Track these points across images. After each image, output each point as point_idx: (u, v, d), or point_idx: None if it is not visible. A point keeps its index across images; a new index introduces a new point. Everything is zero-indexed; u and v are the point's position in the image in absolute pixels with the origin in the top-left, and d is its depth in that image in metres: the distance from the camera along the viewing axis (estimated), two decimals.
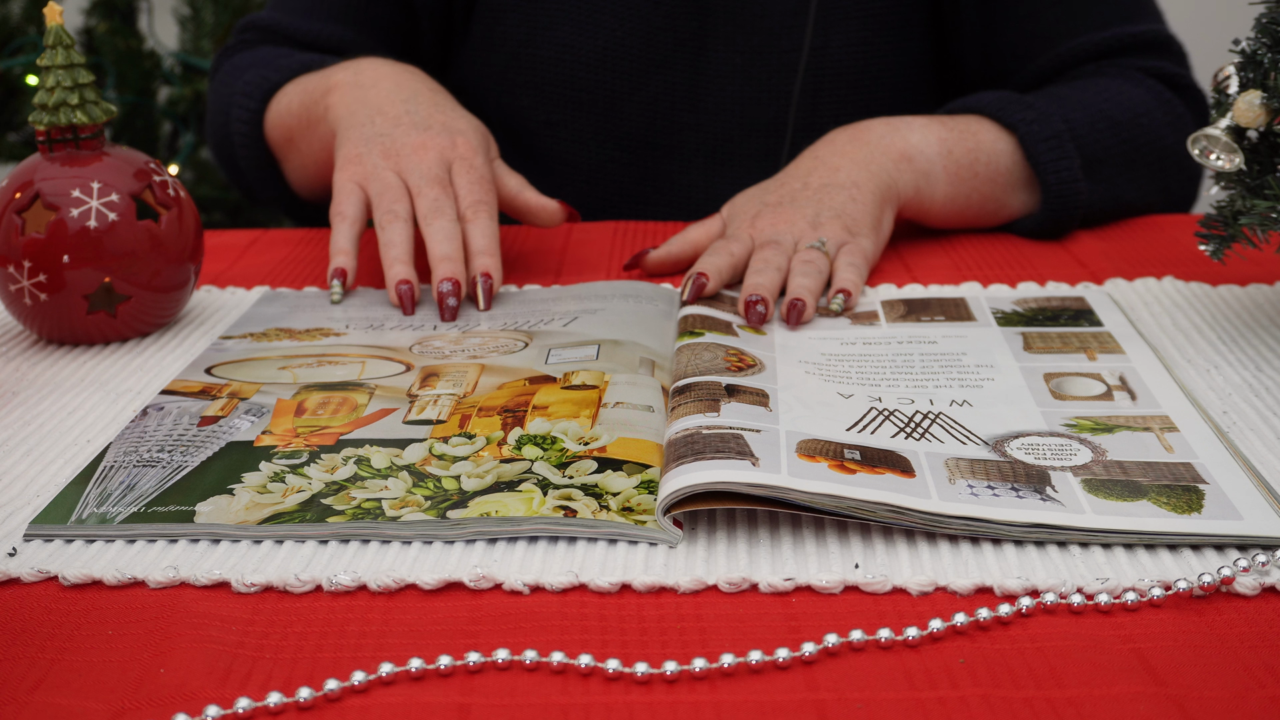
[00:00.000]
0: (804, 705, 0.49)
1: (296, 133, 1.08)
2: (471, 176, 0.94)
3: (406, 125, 0.96)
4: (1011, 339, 0.81)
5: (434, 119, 0.97)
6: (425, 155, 0.94)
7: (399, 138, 0.95)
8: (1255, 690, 0.50)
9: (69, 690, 0.51)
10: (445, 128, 0.96)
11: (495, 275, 0.90)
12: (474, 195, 0.93)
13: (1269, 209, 0.74)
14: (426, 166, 0.93)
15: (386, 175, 0.93)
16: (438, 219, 0.91)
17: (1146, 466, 0.64)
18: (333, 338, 0.85)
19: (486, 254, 0.90)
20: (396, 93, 0.99)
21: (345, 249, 0.92)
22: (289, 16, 1.21)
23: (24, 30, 2.17)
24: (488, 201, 0.93)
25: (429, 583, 0.57)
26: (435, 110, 0.98)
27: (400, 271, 0.90)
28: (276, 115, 1.11)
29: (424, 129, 0.96)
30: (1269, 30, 0.75)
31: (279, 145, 1.12)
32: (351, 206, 0.93)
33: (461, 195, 0.93)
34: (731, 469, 0.60)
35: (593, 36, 1.17)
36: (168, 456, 0.68)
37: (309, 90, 1.06)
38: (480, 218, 0.92)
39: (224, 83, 1.18)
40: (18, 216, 0.83)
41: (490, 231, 0.92)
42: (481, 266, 0.90)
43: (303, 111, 1.07)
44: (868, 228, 0.94)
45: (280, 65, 1.12)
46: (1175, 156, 1.08)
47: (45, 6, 0.85)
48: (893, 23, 1.17)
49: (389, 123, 0.97)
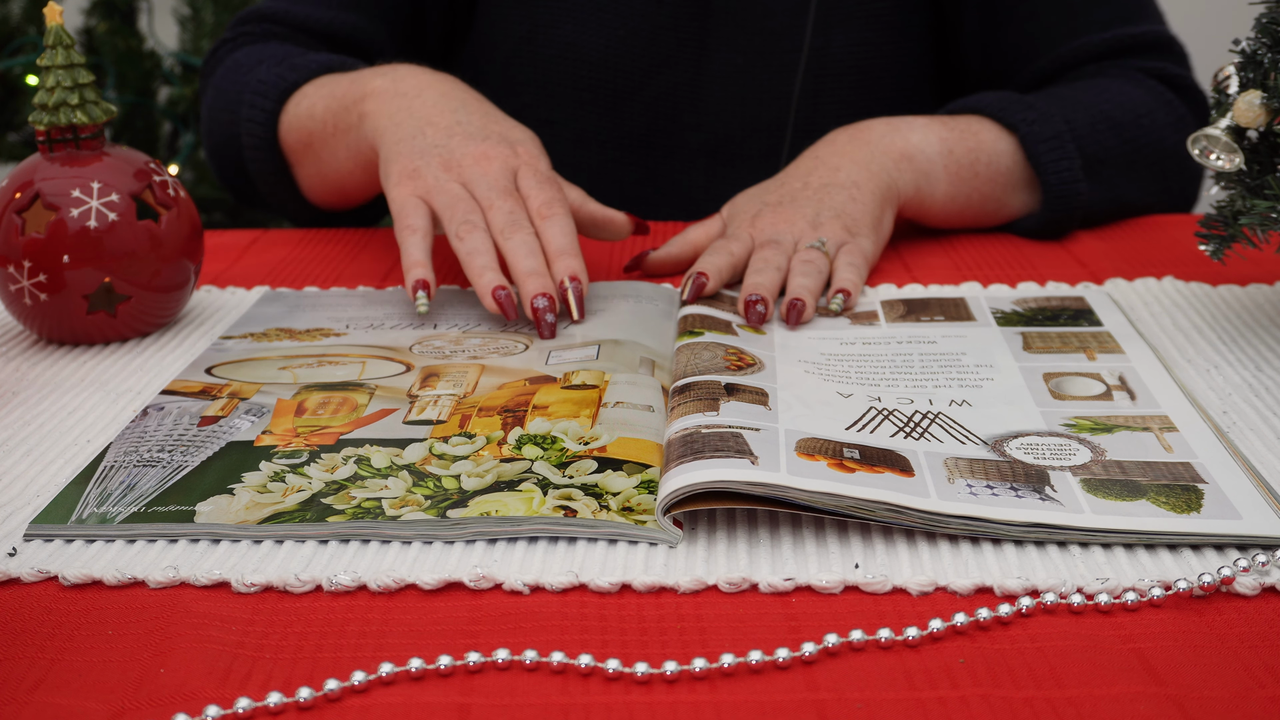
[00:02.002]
0: (804, 705, 0.49)
1: (318, 138, 1.03)
2: (539, 178, 0.90)
3: (461, 136, 0.92)
4: (1011, 339, 0.81)
5: (490, 129, 0.93)
6: (490, 165, 0.90)
7: (456, 149, 0.91)
8: (1255, 690, 0.50)
9: (69, 690, 0.51)
10: (503, 137, 0.92)
11: (583, 277, 0.86)
12: (545, 194, 0.89)
13: (1269, 209, 0.74)
14: (493, 177, 0.89)
15: (452, 187, 0.89)
16: (516, 232, 0.86)
17: (1146, 466, 0.64)
18: (333, 338, 0.85)
19: (569, 254, 0.86)
20: (444, 102, 0.95)
21: (421, 260, 0.86)
22: (297, 4, 1.16)
23: (24, 30, 2.17)
24: (560, 199, 0.89)
25: (429, 583, 0.57)
26: (488, 120, 0.94)
27: (493, 278, 0.84)
28: (295, 118, 1.05)
29: (482, 139, 0.92)
30: (1269, 30, 0.75)
31: (294, 149, 1.07)
32: (420, 219, 0.88)
33: (532, 196, 0.89)
34: (730, 468, 0.60)
35: (595, 35, 1.17)
36: (168, 456, 0.68)
37: (338, 95, 1.01)
38: (556, 215, 0.88)
39: (229, 79, 1.12)
40: (18, 216, 0.83)
41: (569, 229, 0.88)
42: (567, 269, 0.85)
43: (329, 117, 1.02)
44: (868, 228, 0.94)
45: (297, 64, 1.07)
46: (1176, 157, 1.08)
47: (45, 6, 0.85)
48: (894, 23, 1.17)
49: (441, 134, 0.92)
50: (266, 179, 1.11)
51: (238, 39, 1.17)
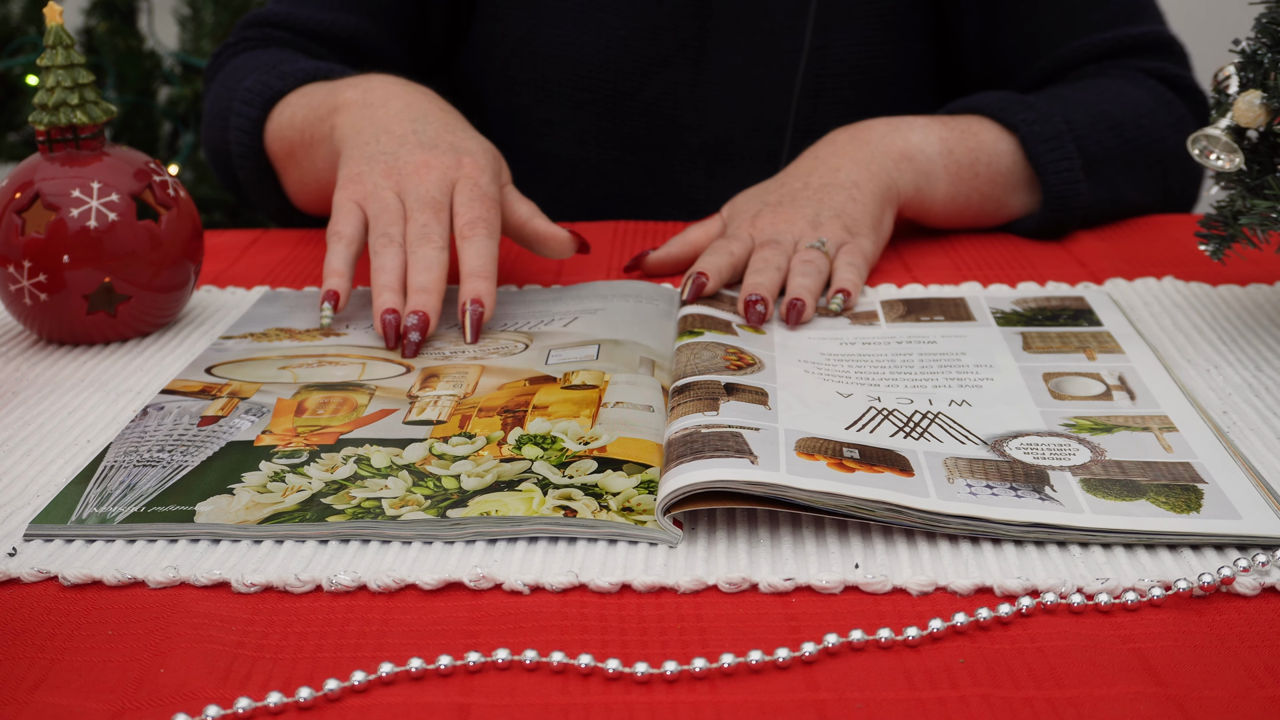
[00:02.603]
0: (804, 705, 0.49)
1: (298, 148, 1.04)
2: (473, 194, 0.89)
3: (412, 144, 0.92)
4: (1011, 339, 0.81)
5: (441, 139, 0.92)
6: (427, 175, 0.89)
7: (403, 156, 0.91)
8: (1255, 690, 0.50)
9: (69, 690, 0.51)
10: (452, 147, 0.92)
11: (487, 301, 0.84)
12: (473, 212, 0.88)
13: (1269, 209, 0.74)
14: (425, 188, 0.89)
15: (386, 195, 0.89)
16: (420, 246, 0.86)
17: (1145, 466, 0.64)
18: (333, 338, 0.85)
19: (478, 276, 0.85)
20: (406, 112, 0.95)
21: (340, 270, 0.86)
22: (300, 7, 1.17)
23: (24, 30, 2.17)
24: (486, 219, 0.88)
25: (429, 583, 0.57)
26: (444, 130, 0.94)
27: (388, 300, 0.84)
28: (278, 127, 1.06)
29: (430, 148, 0.91)
30: (1269, 30, 0.75)
31: (279, 157, 1.07)
32: (349, 226, 0.88)
33: (460, 213, 0.88)
34: (730, 467, 0.60)
35: (595, 35, 1.17)
36: (168, 456, 0.68)
37: (314, 106, 1.01)
38: (477, 235, 0.86)
39: (224, 85, 1.13)
40: (18, 216, 0.83)
41: (485, 251, 0.86)
42: (472, 291, 0.84)
43: (306, 127, 1.02)
44: (868, 228, 0.94)
45: (284, 72, 1.07)
46: (1176, 157, 1.08)
47: (45, 6, 0.85)
48: (894, 23, 1.17)
49: (394, 141, 0.92)
50: (254, 186, 1.11)
51: (239, 44, 1.18)
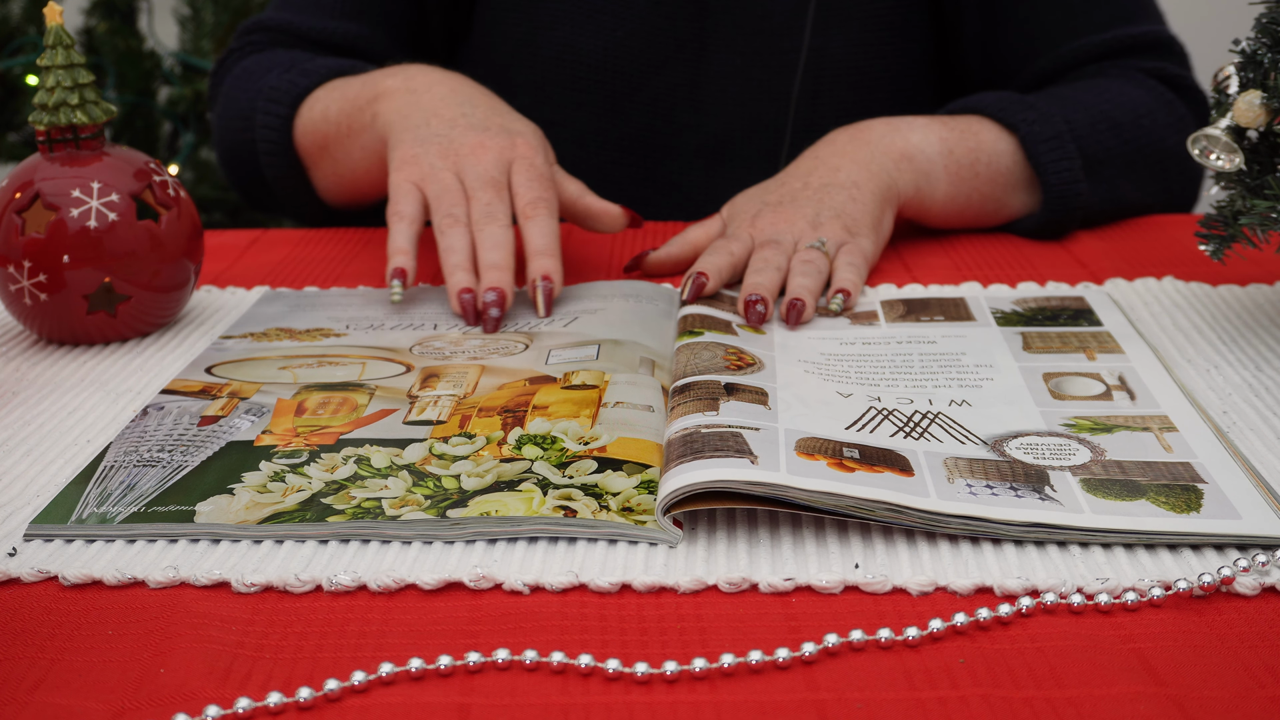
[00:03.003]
0: (804, 705, 0.49)
1: (333, 140, 1.05)
2: (531, 174, 0.92)
3: (463, 126, 0.94)
4: (1011, 339, 0.81)
5: (491, 120, 0.95)
6: (484, 156, 0.92)
7: (456, 138, 0.93)
8: (1255, 690, 0.50)
9: (69, 690, 0.51)
10: (503, 129, 0.95)
11: (555, 277, 0.88)
12: (533, 192, 0.91)
13: (1269, 209, 0.74)
14: (484, 168, 0.91)
15: (445, 176, 0.92)
16: (488, 225, 0.89)
17: (1145, 466, 0.64)
18: (333, 338, 0.85)
19: (546, 254, 0.88)
20: (451, 97, 0.97)
21: (404, 249, 0.89)
22: (300, 15, 1.18)
23: (24, 30, 2.17)
24: (547, 199, 0.91)
25: (429, 583, 0.57)
26: (492, 113, 0.96)
27: (462, 279, 0.87)
28: (310, 121, 1.07)
29: (483, 130, 0.94)
30: (1269, 30, 0.75)
31: (310, 152, 1.09)
32: (410, 206, 0.91)
33: (520, 193, 0.91)
34: (730, 467, 0.60)
35: (593, 37, 1.17)
36: (168, 456, 0.68)
37: (350, 97, 1.03)
38: (539, 215, 0.90)
39: (239, 87, 1.14)
40: (18, 216, 0.83)
41: (550, 230, 0.90)
42: (541, 269, 0.88)
43: (343, 118, 1.04)
44: (867, 228, 0.94)
45: (307, 69, 1.09)
46: (1176, 157, 1.08)
47: (45, 6, 0.85)
48: (893, 23, 1.17)
49: (445, 124, 0.95)
50: (283, 183, 1.12)
51: (244, 49, 1.19)
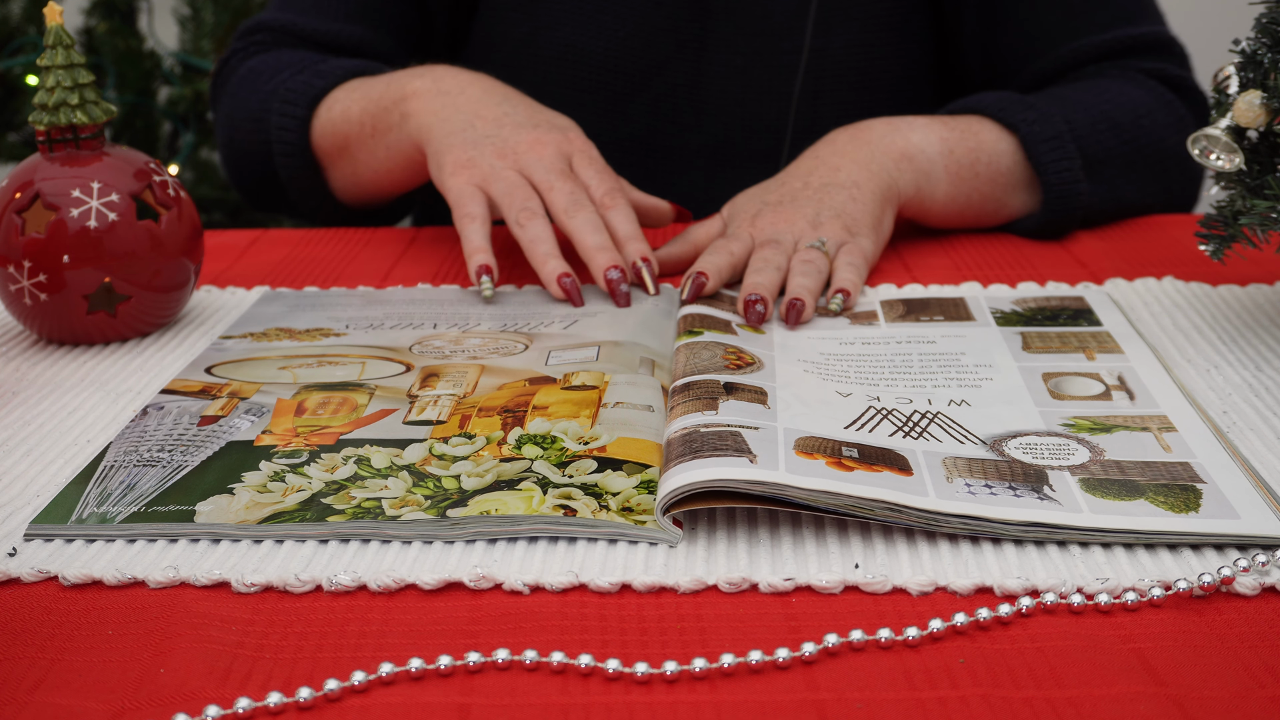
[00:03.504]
0: (804, 705, 0.49)
1: (355, 140, 1.05)
2: (597, 167, 0.94)
3: (511, 125, 0.95)
4: (1010, 339, 0.81)
5: (537, 117, 0.96)
6: (545, 150, 0.93)
7: (508, 137, 0.94)
8: (1255, 690, 0.50)
9: (69, 690, 0.51)
10: (552, 125, 0.96)
11: (652, 259, 0.90)
12: (606, 184, 0.93)
13: (1269, 209, 0.74)
14: (549, 161, 0.92)
15: (508, 174, 0.92)
16: (580, 211, 0.90)
17: (1144, 466, 0.64)
18: (333, 338, 0.85)
19: (636, 239, 0.91)
20: (487, 97, 0.98)
21: (483, 246, 0.90)
22: (302, 16, 1.18)
23: (24, 30, 2.17)
24: (621, 189, 0.93)
25: (429, 583, 0.57)
26: (533, 111, 0.97)
27: (557, 265, 0.89)
28: (329, 122, 1.07)
29: (532, 127, 0.95)
30: (1269, 30, 0.75)
31: (328, 152, 1.09)
32: (478, 207, 0.92)
33: (593, 185, 0.93)
34: (729, 466, 0.60)
35: (594, 37, 1.17)
36: (168, 456, 0.68)
37: (374, 98, 1.03)
38: (619, 204, 0.92)
39: (247, 88, 1.13)
40: (18, 216, 0.83)
41: (632, 217, 0.92)
42: (638, 252, 0.90)
43: (367, 119, 1.04)
44: (868, 227, 0.94)
45: (322, 70, 1.09)
46: (1176, 157, 1.08)
47: (45, 6, 0.85)
48: (893, 24, 1.17)
49: (491, 125, 0.95)
50: (299, 183, 1.12)
51: (248, 49, 1.18)
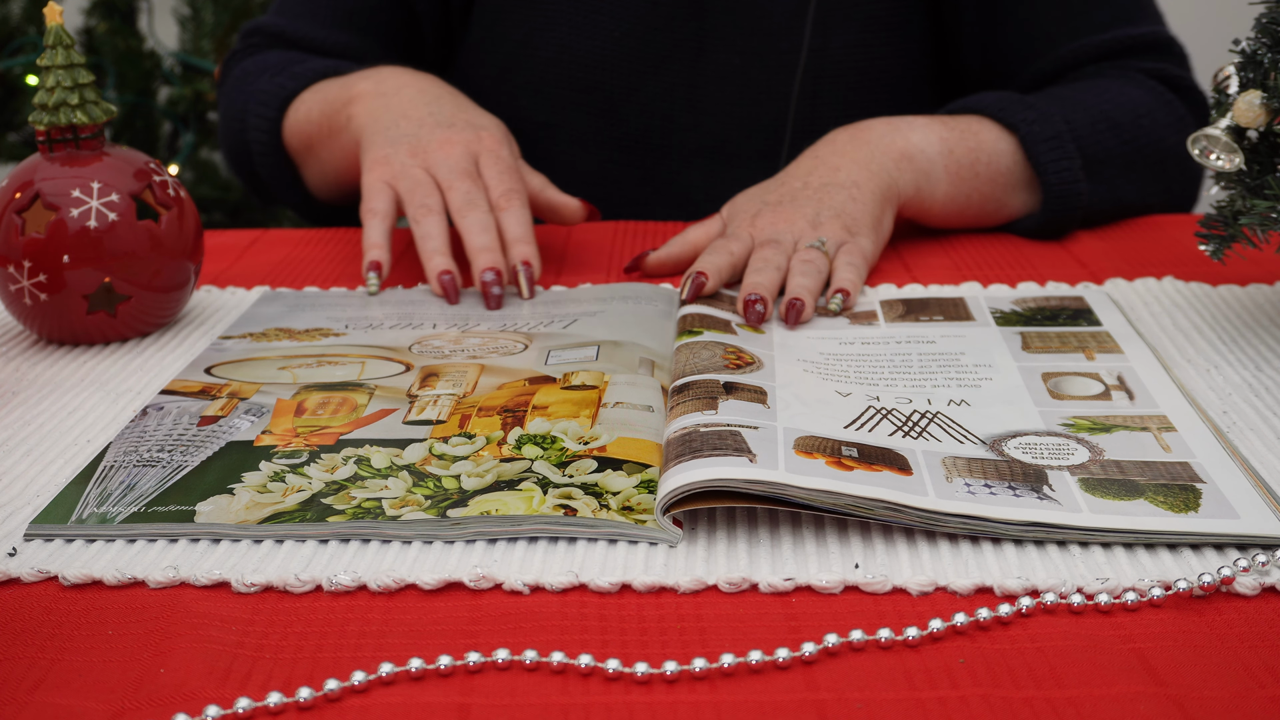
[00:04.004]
0: (804, 705, 0.49)
1: (316, 140, 1.10)
2: (500, 167, 0.96)
3: (430, 125, 0.98)
4: (1010, 339, 0.81)
5: (457, 117, 0.99)
6: (452, 150, 0.96)
7: (424, 136, 0.97)
8: (1255, 690, 0.50)
9: (69, 690, 0.51)
10: (469, 124, 0.98)
11: (535, 262, 0.92)
12: (505, 184, 0.95)
13: (1269, 209, 0.74)
14: (454, 160, 0.95)
15: (415, 172, 0.95)
16: (472, 211, 0.92)
17: (1144, 466, 0.64)
18: (332, 338, 0.85)
19: (523, 241, 0.92)
20: (419, 98, 1.01)
21: (379, 243, 0.94)
22: (294, 23, 1.22)
23: (24, 30, 2.17)
24: (519, 190, 0.95)
25: (429, 583, 0.57)
26: (458, 110, 1.00)
27: (441, 263, 0.92)
28: (295, 123, 1.12)
29: (449, 126, 0.98)
30: (1269, 30, 0.75)
31: (298, 152, 1.14)
32: (382, 203, 0.95)
33: (492, 185, 0.95)
34: (728, 465, 0.60)
35: (590, 37, 1.17)
36: (168, 456, 0.68)
37: (329, 100, 1.08)
38: (514, 206, 0.93)
39: (236, 89, 1.19)
40: (18, 216, 0.83)
41: (525, 219, 0.93)
42: (521, 254, 0.91)
43: (323, 120, 1.08)
44: (867, 227, 0.94)
45: (295, 72, 1.13)
46: (1176, 157, 1.08)
47: (45, 6, 0.85)
48: (892, 24, 1.17)
49: (414, 124, 0.99)
50: (277, 181, 1.18)
51: (245, 50, 1.23)
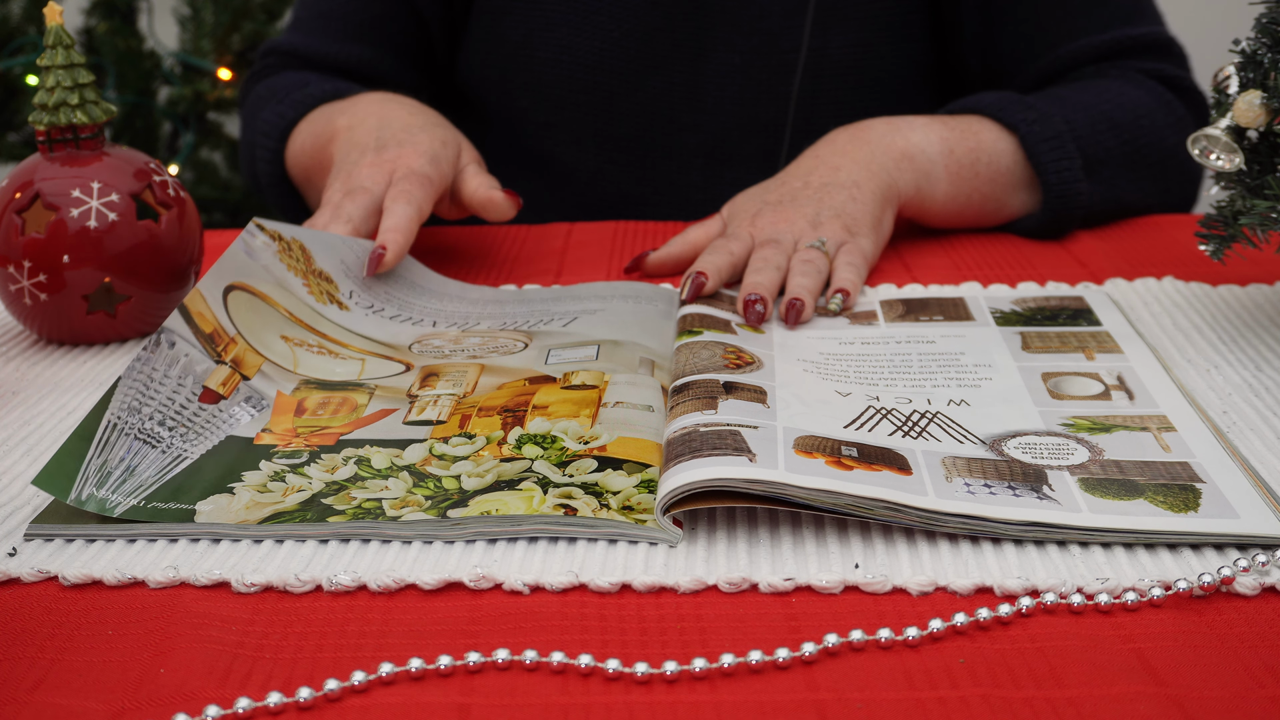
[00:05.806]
0: (804, 705, 0.49)
1: (312, 172, 1.11)
2: (402, 174, 0.95)
3: (371, 150, 0.98)
4: (1010, 338, 0.81)
5: (394, 138, 0.99)
6: (365, 171, 0.96)
7: (357, 162, 0.98)
8: (1255, 690, 0.50)
9: (69, 690, 0.51)
10: (398, 143, 0.98)
11: (390, 248, 0.90)
12: (397, 188, 0.94)
13: (1269, 209, 0.74)
14: (356, 180, 0.95)
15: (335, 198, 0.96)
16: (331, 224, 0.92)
17: (1143, 466, 0.64)
18: (335, 307, 0.85)
19: (391, 230, 0.91)
20: (377, 127, 1.01)
21: None
22: (308, 40, 1.22)
23: (24, 30, 2.17)
24: (408, 191, 0.94)
25: (429, 583, 0.57)
26: (400, 131, 0.99)
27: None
28: (293, 155, 1.13)
29: (379, 149, 0.98)
30: (1269, 30, 0.75)
31: (300, 182, 1.15)
32: None
33: (389, 191, 0.95)
34: (728, 465, 0.60)
35: (589, 38, 1.17)
36: (168, 436, 0.68)
37: (317, 134, 1.09)
38: (396, 202, 0.93)
39: (249, 115, 1.21)
40: (18, 216, 0.83)
41: (399, 212, 0.92)
42: (380, 240, 0.91)
43: (314, 154, 1.09)
44: (867, 227, 0.94)
45: (295, 99, 1.14)
46: (1176, 158, 1.08)
47: (45, 6, 0.85)
48: (892, 23, 1.17)
49: (358, 153, 0.99)
50: (287, 209, 1.19)
51: (262, 71, 1.25)
